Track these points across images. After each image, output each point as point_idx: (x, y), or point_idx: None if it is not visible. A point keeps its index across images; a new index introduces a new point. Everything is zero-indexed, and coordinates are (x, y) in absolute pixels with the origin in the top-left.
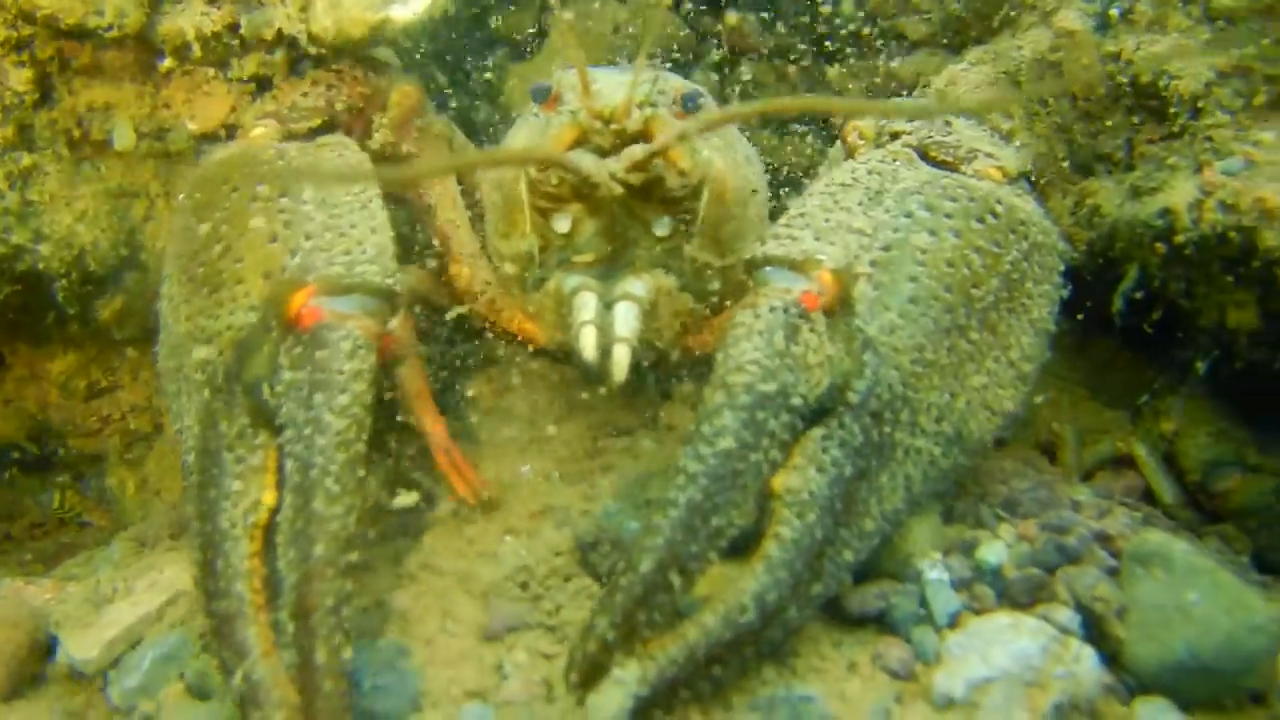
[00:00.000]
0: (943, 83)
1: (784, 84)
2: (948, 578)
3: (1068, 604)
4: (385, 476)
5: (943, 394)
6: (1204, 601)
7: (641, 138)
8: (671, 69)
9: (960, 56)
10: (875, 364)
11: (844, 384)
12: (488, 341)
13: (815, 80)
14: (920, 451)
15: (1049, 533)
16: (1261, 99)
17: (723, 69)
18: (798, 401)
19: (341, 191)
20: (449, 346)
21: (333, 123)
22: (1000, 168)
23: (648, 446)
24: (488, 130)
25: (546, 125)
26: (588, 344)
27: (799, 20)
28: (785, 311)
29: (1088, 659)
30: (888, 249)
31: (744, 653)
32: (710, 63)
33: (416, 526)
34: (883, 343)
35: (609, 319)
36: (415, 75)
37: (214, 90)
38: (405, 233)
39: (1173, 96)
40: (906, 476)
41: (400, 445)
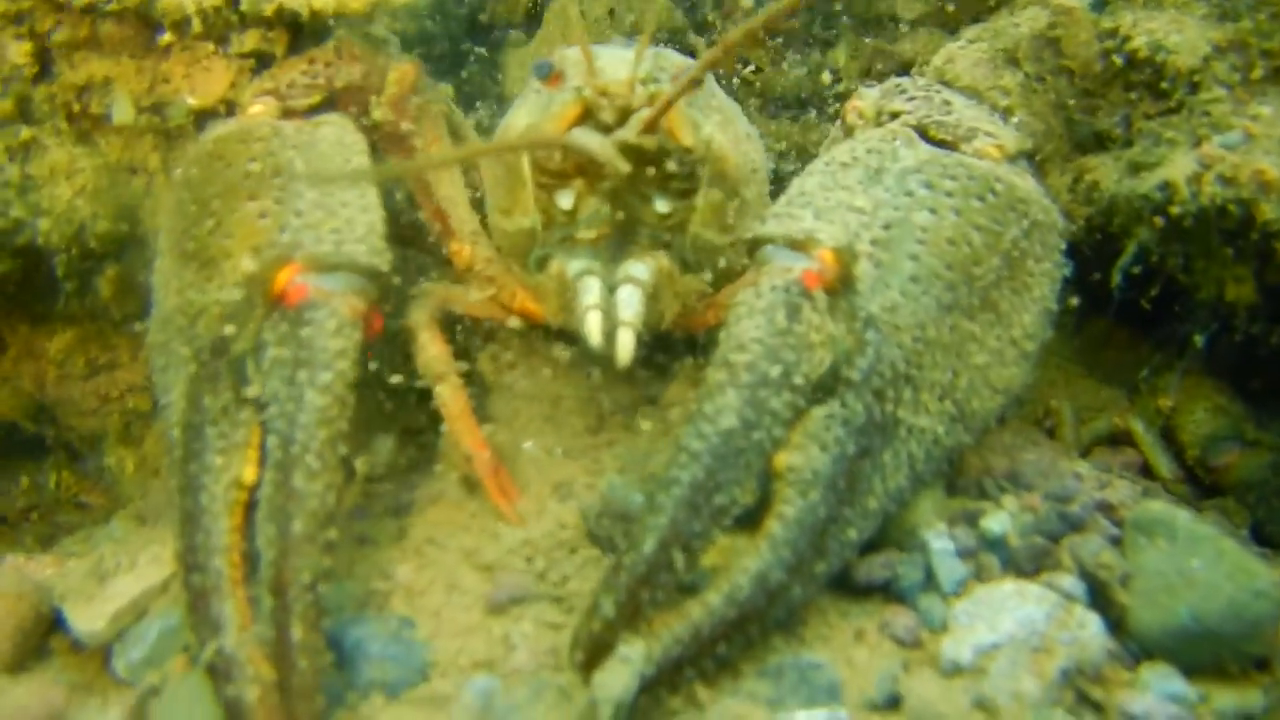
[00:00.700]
0: (941, 60)
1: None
2: (953, 547)
3: (1072, 571)
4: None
5: (945, 372)
6: (1207, 568)
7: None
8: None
9: (959, 34)
10: (877, 342)
11: (846, 362)
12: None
13: (814, 67)
14: (923, 430)
15: (1052, 502)
16: (1258, 73)
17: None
18: (800, 380)
19: (334, 169)
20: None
21: (331, 100)
22: (1000, 146)
23: (649, 425)
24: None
25: (549, 102)
26: (593, 329)
27: None
28: (787, 290)
29: (1093, 625)
30: (888, 227)
31: (749, 631)
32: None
33: (420, 501)
34: (884, 321)
35: (612, 303)
36: (413, 54)
37: (213, 65)
38: (404, 209)
39: (1170, 72)
40: (910, 455)
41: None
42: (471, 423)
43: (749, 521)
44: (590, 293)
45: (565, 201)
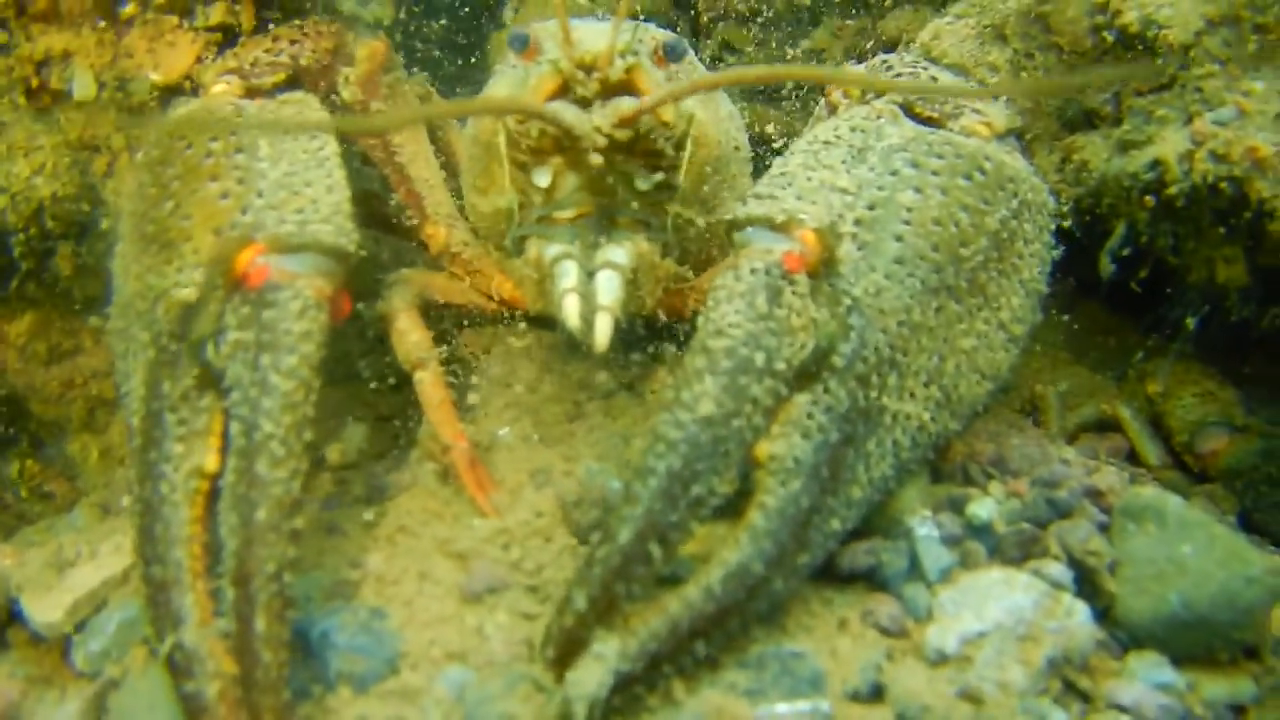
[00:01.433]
0: (927, 36)
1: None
2: (938, 534)
3: (1060, 558)
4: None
5: (931, 357)
6: (1198, 554)
7: (624, 87)
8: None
9: (945, 10)
10: (861, 326)
11: (829, 347)
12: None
13: (797, 40)
14: (909, 416)
15: (1040, 488)
16: (1251, 48)
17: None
18: (781, 366)
19: (298, 148)
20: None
21: (296, 79)
22: (987, 123)
23: (629, 406)
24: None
25: (525, 76)
26: (571, 312)
27: None
28: (767, 273)
29: (1080, 613)
30: (872, 207)
31: (729, 625)
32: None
33: (392, 489)
34: (868, 304)
35: (590, 288)
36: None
37: (177, 40)
38: (381, 194)
39: (1162, 47)
40: (895, 442)
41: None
42: (451, 412)
43: (730, 511)
44: (567, 276)
45: (542, 179)
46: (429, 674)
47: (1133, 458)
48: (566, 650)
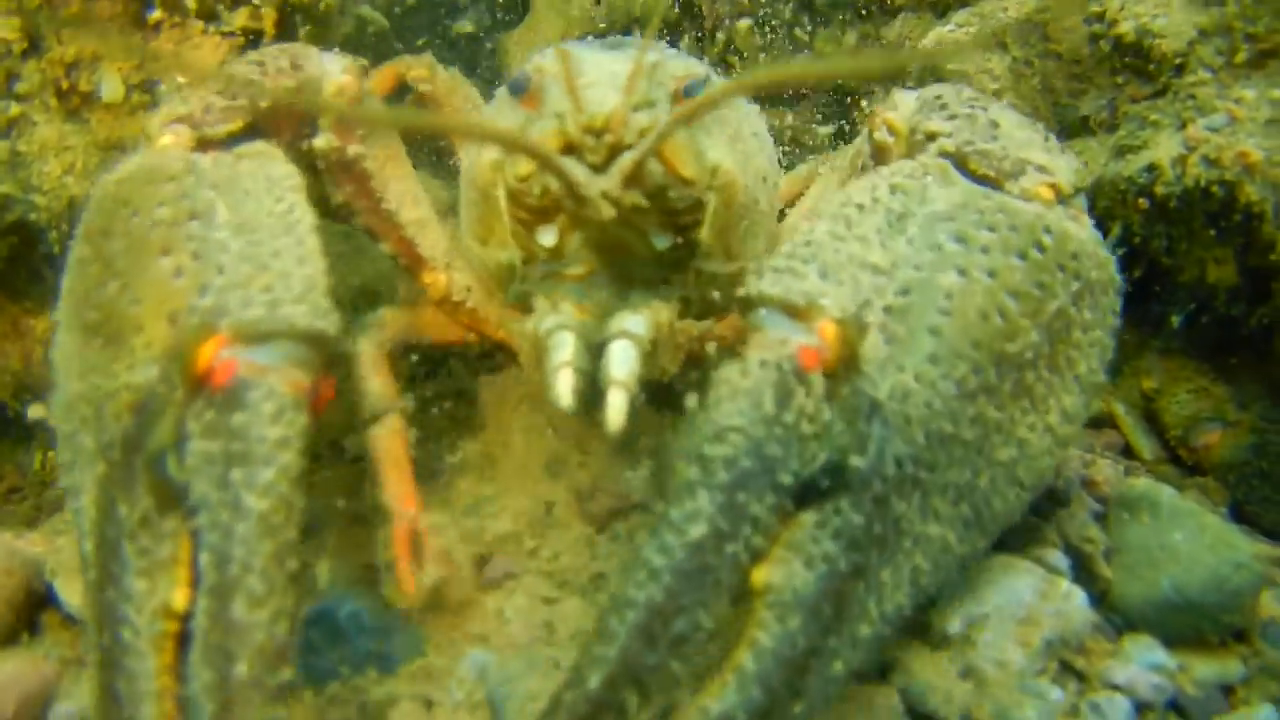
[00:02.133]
0: (930, 44)
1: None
2: None
3: (1057, 546)
4: None
5: (964, 471)
6: (1189, 540)
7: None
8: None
9: (947, 17)
10: (883, 438)
11: (843, 461)
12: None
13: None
14: (932, 539)
15: None
16: (1242, 56)
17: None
18: (787, 480)
19: (262, 211)
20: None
21: (255, 125)
22: (1053, 185)
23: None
24: None
25: (526, 127)
26: (563, 391)
27: None
28: (778, 368)
29: (1077, 598)
30: (906, 292)
31: None
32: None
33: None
34: (893, 411)
35: (604, 359)
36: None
37: (203, 44)
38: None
39: (1156, 55)
40: (914, 569)
41: None
42: (405, 474)
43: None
44: (562, 349)
45: (547, 239)
46: (452, 655)
47: (1128, 452)
48: None
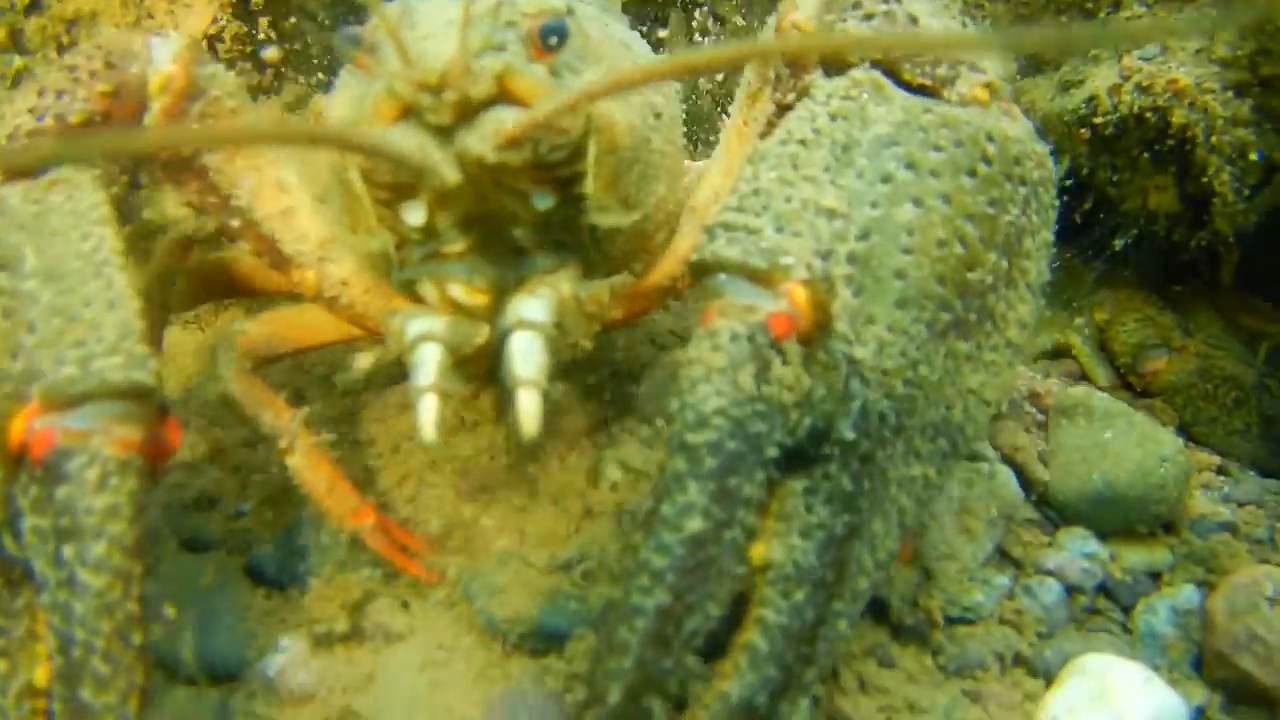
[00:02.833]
0: None
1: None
2: None
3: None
4: None
5: (939, 408)
6: (1118, 437)
7: (498, 98)
8: None
9: None
10: (863, 394)
11: (828, 425)
12: None
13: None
14: (915, 480)
15: None
16: None
17: None
18: (773, 453)
19: (70, 253)
20: None
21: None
22: (987, 83)
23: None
24: None
25: (364, 93)
26: (426, 422)
27: None
28: (751, 340)
29: (1002, 474)
30: (866, 235)
31: None
32: None
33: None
34: (870, 367)
35: (505, 358)
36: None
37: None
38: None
39: None
40: (900, 510)
41: None
42: (342, 490)
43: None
44: (423, 369)
45: (414, 217)
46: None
47: (1084, 380)
48: None
